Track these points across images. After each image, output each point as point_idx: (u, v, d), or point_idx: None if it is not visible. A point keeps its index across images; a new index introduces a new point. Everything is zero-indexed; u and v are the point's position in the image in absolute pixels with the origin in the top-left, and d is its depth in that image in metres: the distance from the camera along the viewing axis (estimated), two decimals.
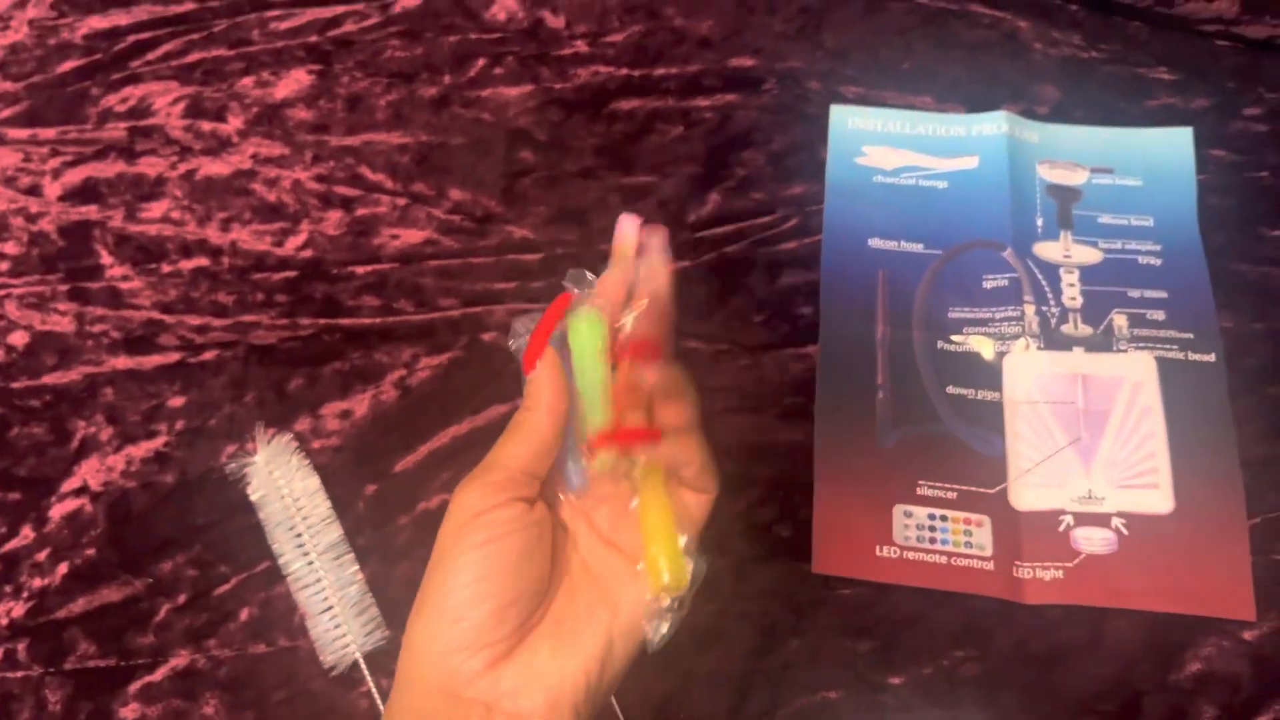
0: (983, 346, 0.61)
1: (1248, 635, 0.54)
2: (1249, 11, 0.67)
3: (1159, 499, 0.57)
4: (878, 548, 0.56)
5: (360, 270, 0.66)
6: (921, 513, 0.57)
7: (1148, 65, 0.69)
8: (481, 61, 0.73)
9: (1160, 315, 0.61)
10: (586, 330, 0.41)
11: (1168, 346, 0.60)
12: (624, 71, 0.72)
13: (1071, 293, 0.62)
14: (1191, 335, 0.60)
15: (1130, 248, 0.63)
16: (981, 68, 0.70)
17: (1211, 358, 0.60)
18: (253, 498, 0.59)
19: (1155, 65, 0.69)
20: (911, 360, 0.61)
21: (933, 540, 0.56)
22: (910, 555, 0.56)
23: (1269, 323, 0.62)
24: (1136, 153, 0.66)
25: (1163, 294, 0.62)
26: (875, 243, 0.64)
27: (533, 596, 0.40)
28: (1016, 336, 0.61)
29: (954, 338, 0.61)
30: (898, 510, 0.57)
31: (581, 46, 0.73)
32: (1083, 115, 0.68)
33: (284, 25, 0.74)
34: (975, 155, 0.67)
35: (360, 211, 0.68)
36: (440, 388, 0.63)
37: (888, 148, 0.67)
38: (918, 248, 0.64)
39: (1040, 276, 0.62)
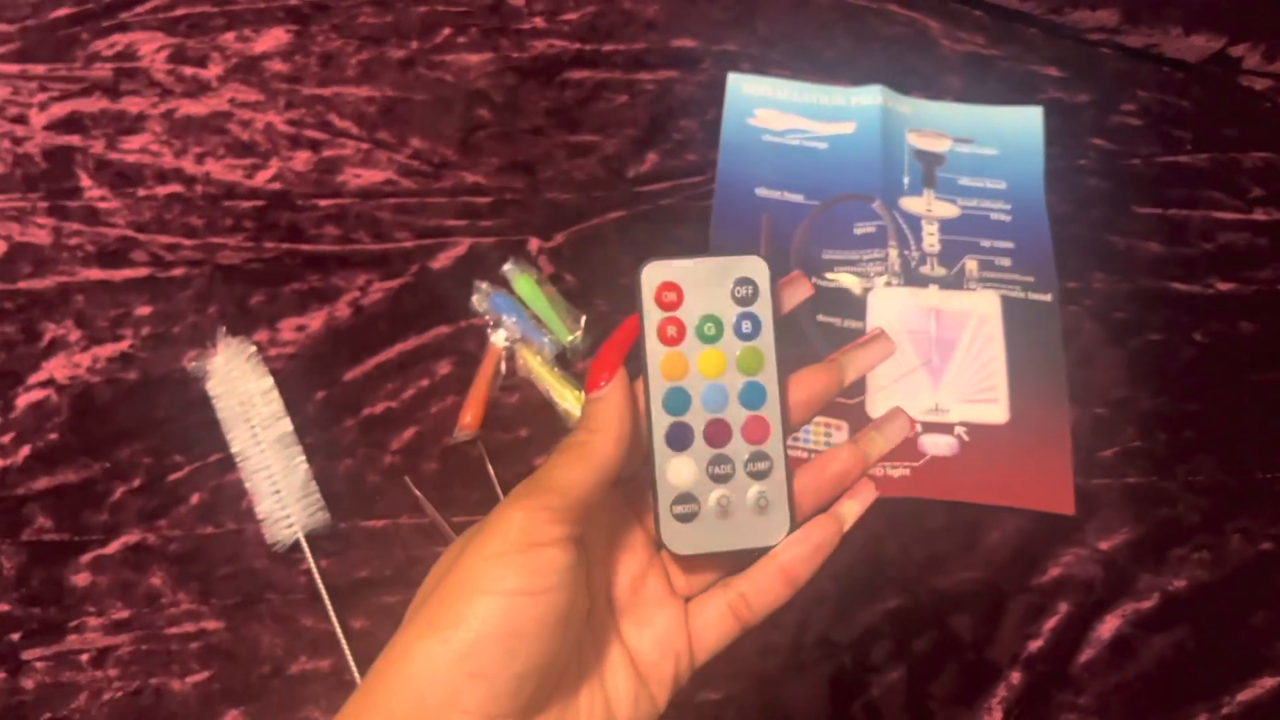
0: (851, 283, 0.69)
1: (1103, 545, 0.61)
2: (1128, 22, 0.76)
3: (997, 411, 0.65)
4: None
5: (323, 203, 0.72)
6: None
7: (1040, 64, 0.78)
8: (447, 30, 0.80)
9: (1007, 262, 0.69)
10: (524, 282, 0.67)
11: (1011, 287, 0.68)
12: (576, 46, 0.79)
13: (931, 240, 0.70)
14: (1033, 279, 0.69)
15: (984, 206, 0.72)
16: (896, 60, 0.78)
17: (1049, 298, 0.68)
18: (210, 392, 0.64)
19: (1046, 64, 0.78)
20: None
21: (796, 438, 0.64)
22: None
23: (1135, 282, 0.70)
24: (995, 126, 0.75)
25: (1010, 244, 0.70)
26: (761, 191, 0.72)
27: (553, 668, 0.34)
28: (881, 275, 0.69)
29: (827, 275, 0.69)
30: None
31: (539, 22, 0.80)
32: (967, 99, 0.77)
33: None
34: (853, 121, 0.75)
35: (326, 153, 0.74)
36: (390, 309, 0.68)
37: (776, 111, 0.76)
38: (799, 198, 0.72)
39: (904, 225, 0.70)
